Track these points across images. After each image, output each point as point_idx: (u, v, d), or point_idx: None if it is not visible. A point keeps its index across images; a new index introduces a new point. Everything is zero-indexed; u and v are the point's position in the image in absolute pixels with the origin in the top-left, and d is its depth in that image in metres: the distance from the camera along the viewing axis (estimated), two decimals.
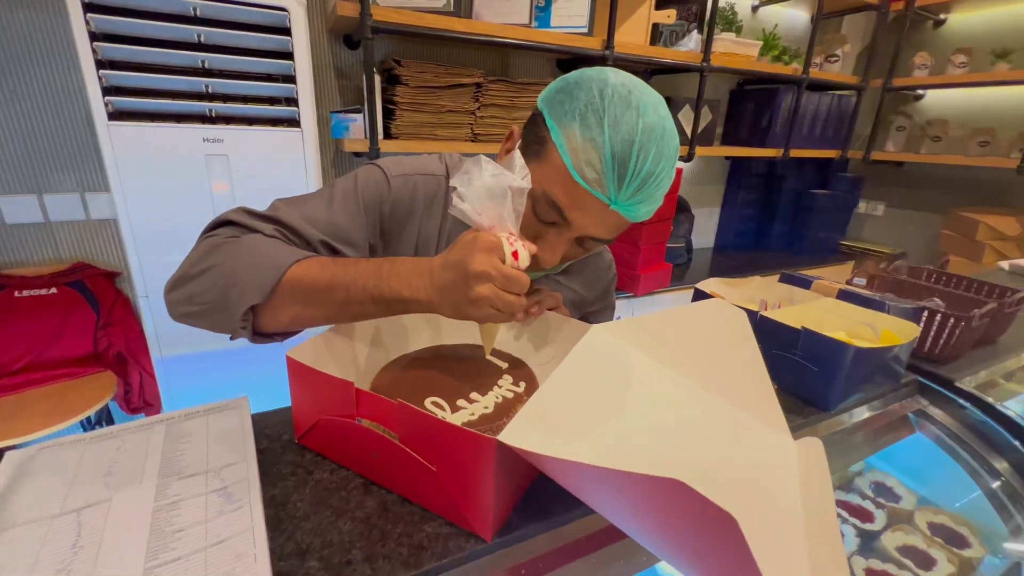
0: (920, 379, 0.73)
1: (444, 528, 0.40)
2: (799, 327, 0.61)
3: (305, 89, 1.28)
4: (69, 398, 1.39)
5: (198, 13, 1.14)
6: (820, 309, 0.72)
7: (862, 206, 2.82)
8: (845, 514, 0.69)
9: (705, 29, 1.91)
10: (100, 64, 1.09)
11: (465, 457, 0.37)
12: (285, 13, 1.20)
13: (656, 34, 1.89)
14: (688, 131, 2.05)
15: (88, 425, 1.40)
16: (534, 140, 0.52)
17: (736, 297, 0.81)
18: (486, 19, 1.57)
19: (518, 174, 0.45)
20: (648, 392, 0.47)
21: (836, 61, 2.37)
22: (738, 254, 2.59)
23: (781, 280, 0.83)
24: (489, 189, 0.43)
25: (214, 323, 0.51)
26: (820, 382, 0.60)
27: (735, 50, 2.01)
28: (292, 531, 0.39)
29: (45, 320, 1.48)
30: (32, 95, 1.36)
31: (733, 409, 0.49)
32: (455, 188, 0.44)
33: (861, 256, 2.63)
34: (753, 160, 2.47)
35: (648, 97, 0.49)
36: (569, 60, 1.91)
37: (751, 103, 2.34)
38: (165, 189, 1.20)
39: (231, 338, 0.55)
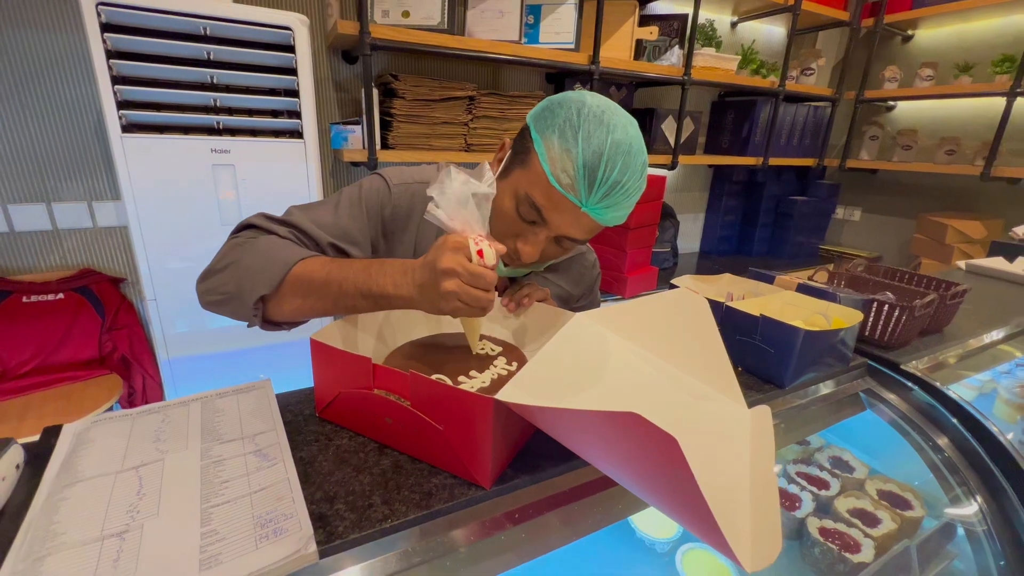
0: (869, 362, 0.82)
1: (449, 479, 0.47)
2: (758, 315, 0.69)
3: (307, 102, 1.35)
4: (75, 400, 1.44)
5: (208, 32, 1.21)
6: (780, 300, 0.81)
7: (839, 212, 2.94)
8: (804, 483, 0.77)
9: (686, 44, 2.02)
10: (115, 80, 1.16)
11: (468, 416, 0.44)
12: (289, 32, 1.28)
13: (640, 49, 1.99)
14: (671, 140, 2.15)
15: None
16: (521, 150, 0.60)
17: (708, 291, 0.90)
18: (478, 36, 1.66)
19: (484, 182, 0.49)
20: (622, 367, 0.55)
21: (811, 74, 2.50)
22: (721, 258, 2.70)
23: (749, 276, 0.91)
24: (458, 196, 0.48)
25: (233, 310, 0.59)
26: (776, 362, 0.68)
27: (715, 64, 2.12)
28: (320, 483, 0.46)
29: (52, 324, 1.53)
30: (43, 108, 1.42)
31: (695, 382, 0.57)
32: (431, 197, 0.51)
33: (839, 260, 2.75)
34: (734, 168, 2.58)
35: (619, 118, 0.56)
36: (557, 74, 2.01)
37: (731, 114, 2.46)
38: (174, 197, 1.27)
39: (248, 325, 0.62)
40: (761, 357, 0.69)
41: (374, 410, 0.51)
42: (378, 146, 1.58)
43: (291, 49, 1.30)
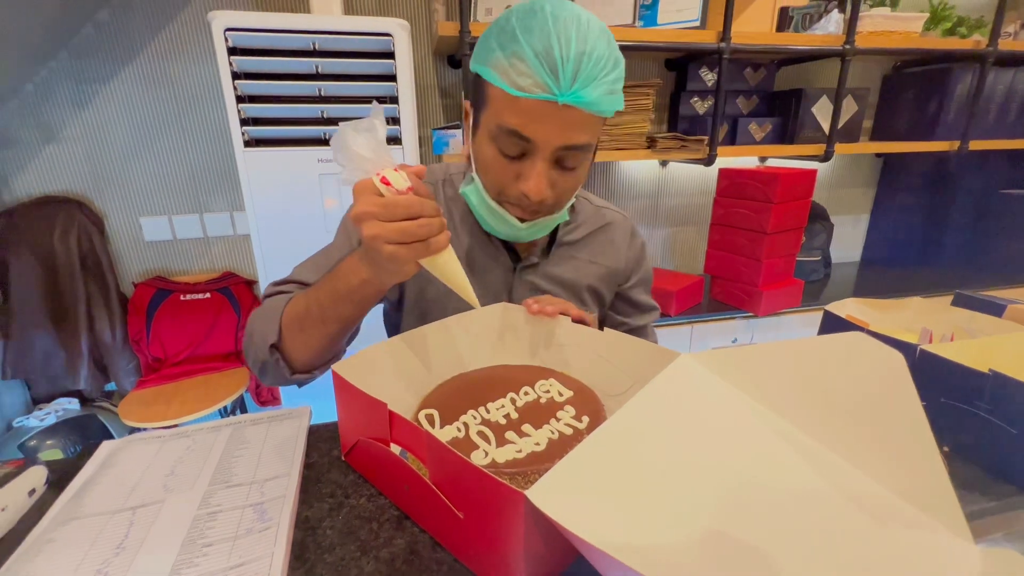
0: None
1: None
2: (986, 370, 0.44)
3: (407, 109, 1.33)
4: (211, 388, 1.60)
5: (316, 47, 1.25)
6: (1018, 344, 0.52)
7: None
8: None
9: (848, 6, 1.63)
10: (239, 99, 1.25)
11: (491, 509, 0.30)
12: (390, 38, 1.27)
13: (785, 19, 1.66)
14: (826, 126, 1.76)
15: (224, 412, 1.60)
16: (478, 97, 0.53)
17: (886, 324, 0.64)
18: None
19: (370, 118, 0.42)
20: (746, 448, 0.36)
21: None
22: (893, 270, 2.15)
23: (955, 303, 0.63)
24: (351, 145, 0.41)
25: (272, 378, 0.57)
26: (1022, 449, 0.42)
27: (889, 27, 1.69)
28: (313, 563, 0.36)
29: (201, 320, 1.74)
30: (197, 129, 1.62)
31: (879, 490, 0.35)
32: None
33: None
34: (915, 157, 2.05)
35: (556, 4, 0.49)
36: (680, 58, 1.77)
37: (912, 89, 1.95)
38: (286, 207, 1.33)
39: (299, 385, 0.59)
40: (990, 437, 0.44)
41: (391, 470, 0.39)
42: None
43: (391, 55, 1.29)
